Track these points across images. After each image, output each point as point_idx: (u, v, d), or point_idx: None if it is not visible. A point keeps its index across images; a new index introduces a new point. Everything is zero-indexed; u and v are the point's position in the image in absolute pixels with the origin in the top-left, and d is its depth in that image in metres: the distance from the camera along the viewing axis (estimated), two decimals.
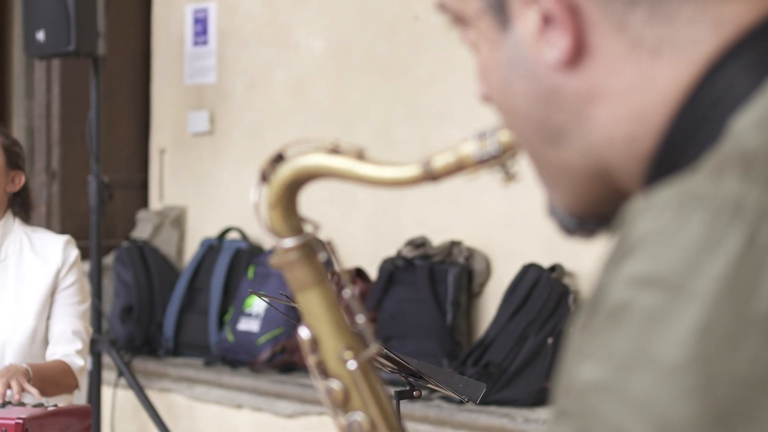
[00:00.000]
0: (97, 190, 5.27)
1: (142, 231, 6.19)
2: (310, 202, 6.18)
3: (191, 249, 6.16)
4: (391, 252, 5.12)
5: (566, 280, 4.71)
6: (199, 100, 6.11)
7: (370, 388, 1.20)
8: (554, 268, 4.70)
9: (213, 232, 5.97)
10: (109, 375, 5.45)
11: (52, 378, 3.31)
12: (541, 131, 0.92)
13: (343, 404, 1.20)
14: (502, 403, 4.46)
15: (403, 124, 5.31)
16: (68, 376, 3.40)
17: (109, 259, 5.92)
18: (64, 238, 3.50)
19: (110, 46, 5.43)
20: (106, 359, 5.21)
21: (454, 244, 4.99)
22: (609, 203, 0.93)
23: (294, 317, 3.56)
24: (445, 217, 5.04)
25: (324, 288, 1.20)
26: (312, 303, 1.20)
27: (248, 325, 5.40)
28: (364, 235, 5.39)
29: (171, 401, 5.48)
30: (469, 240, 5.02)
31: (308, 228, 1.20)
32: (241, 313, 5.47)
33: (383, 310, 4.97)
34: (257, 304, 5.42)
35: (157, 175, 6.36)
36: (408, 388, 2.39)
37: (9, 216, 3.51)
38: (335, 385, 1.20)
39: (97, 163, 5.29)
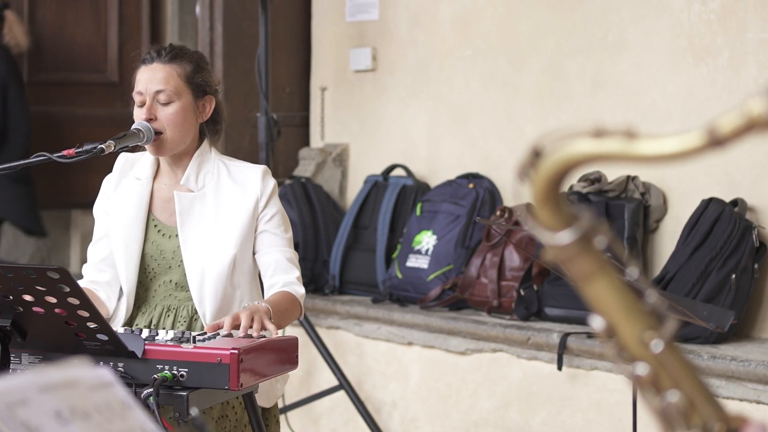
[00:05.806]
0: (267, 126, 5.29)
1: (304, 169, 6.19)
2: (477, 138, 6.08)
3: (353, 187, 6.14)
4: (563, 187, 5.02)
5: (748, 216, 4.59)
6: (360, 38, 6.07)
7: (679, 364, 1.15)
8: (736, 203, 4.58)
9: (376, 169, 5.95)
10: None
11: (285, 311, 3.30)
12: None
13: (654, 387, 1.15)
14: (687, 340, 4.37)
15: (574, 58, 5.20)
16: (296, 306, 3.39)
17: None
18: (261, 168, 3.44)
19: None
20: None
21: (630, 179, 4.90)
22: None
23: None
24: None
25: (608, 273, 1.15)
26: (600, 291, 1.15)
27: (417, 262, 5.38)
28: None
29: (339, 338, 5.48)
30: (645, 175, 4.92)
31: (578, 215, 1.15)
32: (410, 250, 5.44)
33: None
34: (426, 241, 5.39)
35: (318, 113, 6.35)
36: None
37: (205, 145, 3.43)
38: (642, 369, 1.15)
39: (266, 99, 5.29)
